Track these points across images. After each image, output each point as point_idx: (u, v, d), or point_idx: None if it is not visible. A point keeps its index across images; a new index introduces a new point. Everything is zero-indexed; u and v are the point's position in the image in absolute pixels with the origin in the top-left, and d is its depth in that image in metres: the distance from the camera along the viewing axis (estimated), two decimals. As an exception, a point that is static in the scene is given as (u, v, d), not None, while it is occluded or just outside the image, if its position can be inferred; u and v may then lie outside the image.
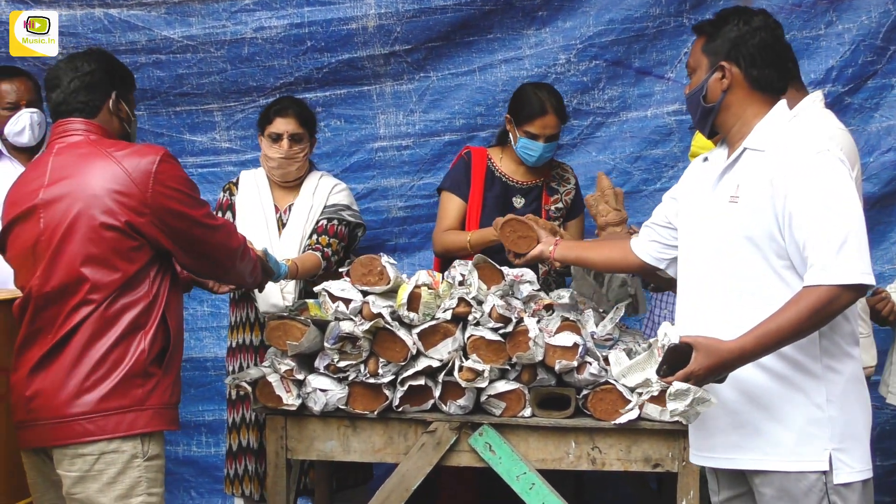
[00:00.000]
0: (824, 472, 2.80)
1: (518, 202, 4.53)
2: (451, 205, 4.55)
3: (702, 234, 2.97)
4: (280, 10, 4.97)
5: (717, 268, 2.90)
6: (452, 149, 5.06)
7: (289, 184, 4.49)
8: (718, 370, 2.75)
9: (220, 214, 4.39)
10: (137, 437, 3.10)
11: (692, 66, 3.01)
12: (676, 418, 2.82)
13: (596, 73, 5.01)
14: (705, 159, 3.12)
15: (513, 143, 4.47)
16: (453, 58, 5.05)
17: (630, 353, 3.61)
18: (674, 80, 4.95)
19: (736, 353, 2.73)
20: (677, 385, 2.72)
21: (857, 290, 2.74)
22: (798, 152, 2.80)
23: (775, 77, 2.94)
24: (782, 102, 2.96)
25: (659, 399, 3.48)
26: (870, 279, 2.74)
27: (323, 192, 4.49)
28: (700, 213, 3.00)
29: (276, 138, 4.40)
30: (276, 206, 4.47)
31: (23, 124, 4.63)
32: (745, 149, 2.90)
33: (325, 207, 4.44)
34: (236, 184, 4.52)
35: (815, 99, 3.62)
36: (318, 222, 4.40)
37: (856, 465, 2.83)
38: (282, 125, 4.40)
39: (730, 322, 2.83)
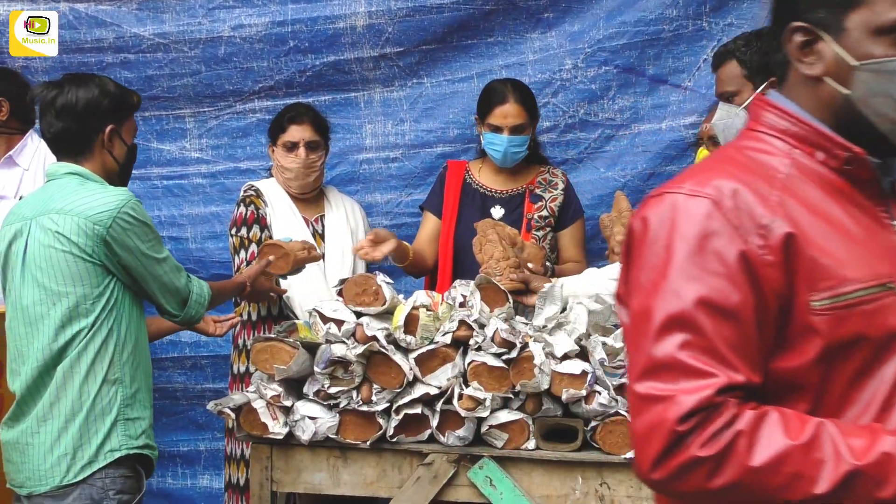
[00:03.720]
0: None
1: (497, 213, 4.64)
2: (425, 223, 4.77)
3: None
4: (261, 7, 5.08)
5: None
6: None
7: (307, 195, 4.65)
8: None
9: (244, 229, 4.54)
10: None
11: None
12: None
13: (606, 80, 5.11)
14: None
15: (482, 142, 4.63)
16: (449, 62, 5.17)
17: None
18: (691, 90, 5.02)
19: None
20: None
21: None
22: None
23: None
24: None
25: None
26: None
27: (358, 214, 4.73)
28: None
29: (292, 147, 4.54)
30: (303, 217, 4.64)
31: None
32: None
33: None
34: (258, 196, 4.60)
35: None
36: None
37: None
38: (297, 133, 4.54)
39: None
